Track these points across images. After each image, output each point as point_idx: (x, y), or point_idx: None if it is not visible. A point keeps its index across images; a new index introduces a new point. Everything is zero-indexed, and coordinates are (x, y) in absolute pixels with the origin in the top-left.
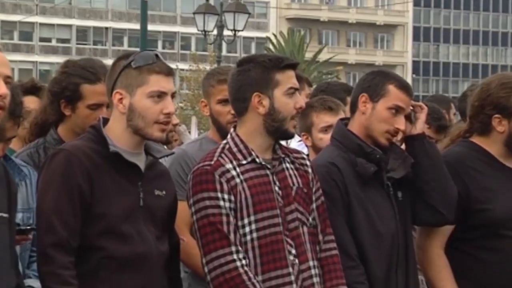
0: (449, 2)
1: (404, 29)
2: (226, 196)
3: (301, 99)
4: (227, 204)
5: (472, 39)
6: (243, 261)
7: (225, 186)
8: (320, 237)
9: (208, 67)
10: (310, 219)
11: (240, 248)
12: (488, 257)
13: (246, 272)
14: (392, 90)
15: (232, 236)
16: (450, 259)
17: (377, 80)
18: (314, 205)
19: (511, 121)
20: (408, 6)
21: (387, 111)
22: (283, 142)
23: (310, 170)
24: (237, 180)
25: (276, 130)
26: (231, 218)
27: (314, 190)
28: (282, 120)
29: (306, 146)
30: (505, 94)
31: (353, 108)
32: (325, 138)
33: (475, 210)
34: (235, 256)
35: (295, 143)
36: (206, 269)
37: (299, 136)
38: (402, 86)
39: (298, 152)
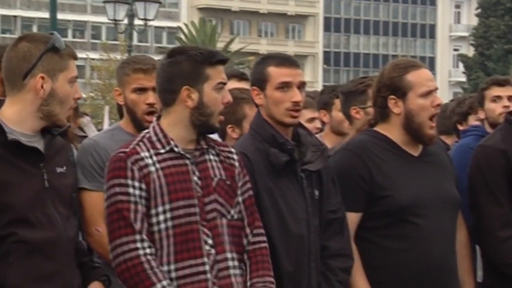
0: None
1: (315, 20)
2: (136, 184)
3: (228, 94)
4: (137, 192)
5: (382, 30)
6: (147, 250)
7: (136, 174)
8: (248, 230)
9: (119, 57)
10: (232, 212)
11: (145, 237)
12: (392, 245)
13: (148, 261)
14: (272, 71)
15: (138, 225)
16: (357, 249)
17: (258, 69)
18: (240, 199)
19: (405, 101)
20: None
21: (276, 91)
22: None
23: (237, 164)
24: (152, 168)
25: (202, 124)
26: (139, 206)
27: (241, 183)
28: (209, 114)
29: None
30: (397, 74)
31: (255, 102)
32: None
33: (380, 197)
34: (138, 245)
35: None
36: (111, 256)
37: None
38: (280, 62)
39: (225, 145)
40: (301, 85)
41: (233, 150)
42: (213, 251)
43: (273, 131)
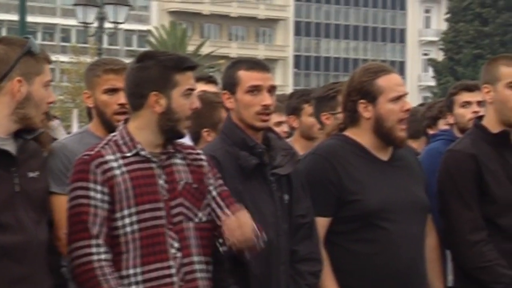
0: None
1: (285, 24)
2: (98, 188)
3: (196, 100)
4: (99, 196)
5: (353, 34)
6: (102, 256)
7: (99, 177)
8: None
9: (89, 60)
10: (200, 215)
11: (101, 242)
12: (361, 249)
13: (101, 267)
14: (242, 75)
15: (96, 229)
16: (326, 254)
17: (229, 73)
18: (215, 193)
19: (375, 106)
20: (289, 1)
21: (246, 95)
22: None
23: (205, 164)
24: (117, 171)
25: (170, 129)
26: (100, 210)
27: (212, 181)
28: (177, 120)
29: None
30: (367, 78)
31: (226, 107)
32: None
33: (349, 201)
34: (93, 250)
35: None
36: (68, 259)
37: None
38: (251, 66)
39: (192, 148)
40: (271, 89)
41: (200, 152)
42: (179, 254)
43: (243, 135)
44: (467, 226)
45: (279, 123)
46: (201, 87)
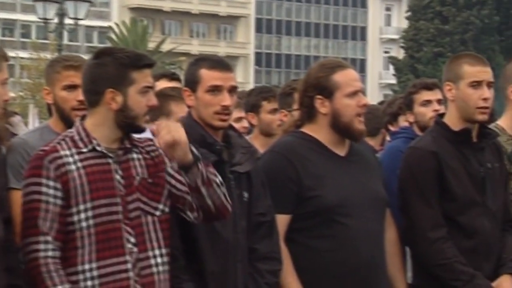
0: None
1: (246, 21)
2: (51, 183)
3: (153, 97)
4: (51, 191)
5: (314, 32)
6: (49, 253)
7: (52, 173)
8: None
9: (49, 56)
10: (161, 207)
11: (50, 239)
12: (321, 245)
13: (46, 264)
14: (203, 73)
15: (47, 225)
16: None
17: (191, 71)
18: (173, 174)
19: (332, 101)
20: None
21: (206, 94)
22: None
23: (161, 152)
24: (72, 167)
25: (127, 126)
26: (51, 206)
27: (169, 169)
28: (133, 117)
29: None
30: (324, 74)
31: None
32: None
33: (308, 197)
34: (41, 246)
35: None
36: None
37: None
38: (212, 65)
39: (146, 140)
40: (232, 89)
41: (152, 138)
42: (135, 249)
43: (203, 132)
44: (427, 223)
45: (239, 119)
46: (164, 84)
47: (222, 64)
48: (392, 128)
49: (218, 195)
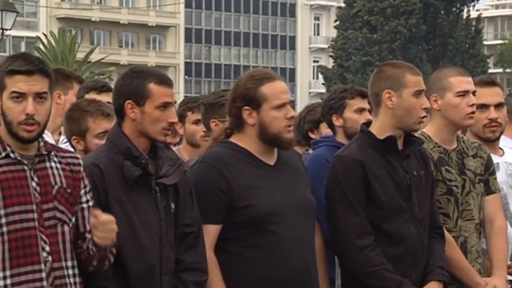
0: (220, 5)
1: (176, 30)
2: None
3: (29, 105)
4: None
5: (243, 41)
6: None
7: None
8: (88, 236)
9: None
10: (74, 220)
11: None
12: (253, 254)
13: None
14: (154, 89)
15: None
16: (218, 261)
17: (136, 83)
18: (85, 205)
19: (259, 112)
20: (179, 8)
21: (156, 110)
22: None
23: (81, 170)
24: None
25: (10, 132)
26: None
27: (83, 192)
28: (9, 123)
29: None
30: (252, 85)
31: (121, 115)
32: (100, 144)
33: (239, 207)
34: None
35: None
36: None
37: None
38: (161, 81)
39: (70, 152)
40: (174, 104)
41: (78, 157)
42: (50, 258)
43: (129, 144)
44: (354, 230)
45: None
46: (94, 97)
47: (169, 80)
48: (313, 136)
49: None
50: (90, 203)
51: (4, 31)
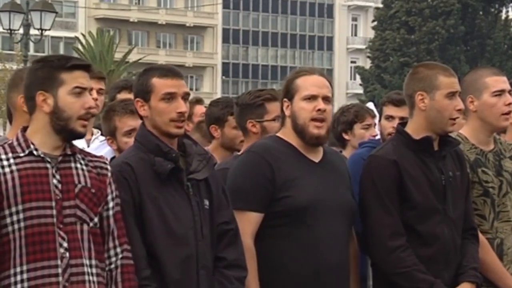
0: (257, 5)
1: (213, 31)
2: None
3: (89, 99)
4: None
5: (281, 42)
6: None
7: None
8: (117, 242)
9: (15, 67)
10: (96, 220)
11: None
12: (286, 245)
13: None
14: (156, 82)
15: None
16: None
17: (142, 80)
18: (111, 212)
19: (292, 103)
20: (217, 8)
21: (161, 102)
22: (80, 144)
23: (109, 175)
24: (6, 170)
25: (62, 129)
26: None
27: (111, 197)
28: (67, 119)
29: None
30: (290, 78)
31: (139, 114)
32: (130, 142)
33: (279, 198)
34: None
35: (97, 142)
36: None
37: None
38: (164, 73)
39: (98, 157)
40: (185, 96)
41: (107, 162)
42: (67, 254)
43: (158, 141)
44: (387, 231)
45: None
46: (125, 96)
47: (173, 71)
48: (346, 137)
49: None
50: (117, 209)
51: (43, 31)
